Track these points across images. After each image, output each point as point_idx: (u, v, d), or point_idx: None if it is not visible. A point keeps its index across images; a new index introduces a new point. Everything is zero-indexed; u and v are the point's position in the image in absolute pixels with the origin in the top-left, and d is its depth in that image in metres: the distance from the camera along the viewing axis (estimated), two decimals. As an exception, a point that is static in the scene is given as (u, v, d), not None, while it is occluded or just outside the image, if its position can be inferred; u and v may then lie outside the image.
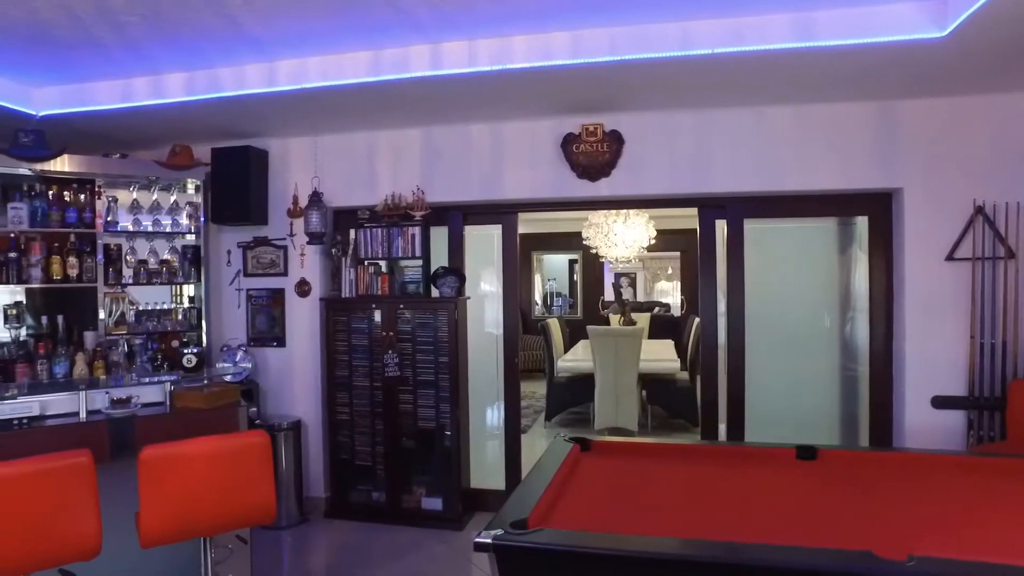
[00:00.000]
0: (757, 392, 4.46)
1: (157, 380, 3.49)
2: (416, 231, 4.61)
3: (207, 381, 3.60)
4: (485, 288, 5.02)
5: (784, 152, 4.17)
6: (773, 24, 3.18)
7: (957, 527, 2.06)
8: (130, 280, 4.48)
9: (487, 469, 4.90)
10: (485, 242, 4.94)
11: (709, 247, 4.57)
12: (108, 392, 3.24)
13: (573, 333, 9.23)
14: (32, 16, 3.05)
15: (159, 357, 4.47)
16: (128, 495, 2.53)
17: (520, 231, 4.91)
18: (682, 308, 11.07)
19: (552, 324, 8.05)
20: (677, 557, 1.84)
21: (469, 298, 4.84)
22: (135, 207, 4.55)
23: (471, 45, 3.49)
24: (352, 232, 4.76)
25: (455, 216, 4.84)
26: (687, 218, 5.09)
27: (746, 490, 2.49)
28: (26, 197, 4.13)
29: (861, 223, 4.40)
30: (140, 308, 4.56)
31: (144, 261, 4.55)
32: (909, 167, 4.02)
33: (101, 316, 4.33)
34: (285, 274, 4.94)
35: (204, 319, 4.72)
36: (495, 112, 4.36)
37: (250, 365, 4.85)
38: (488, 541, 1.88)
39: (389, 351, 4.61)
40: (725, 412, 4.52)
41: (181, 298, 4.84)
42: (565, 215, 7.78)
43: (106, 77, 3.96)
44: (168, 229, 4.65)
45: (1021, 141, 3.86)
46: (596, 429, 6.64)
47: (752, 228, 4.47)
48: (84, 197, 4.32)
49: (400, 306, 4.63)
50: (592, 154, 4.36)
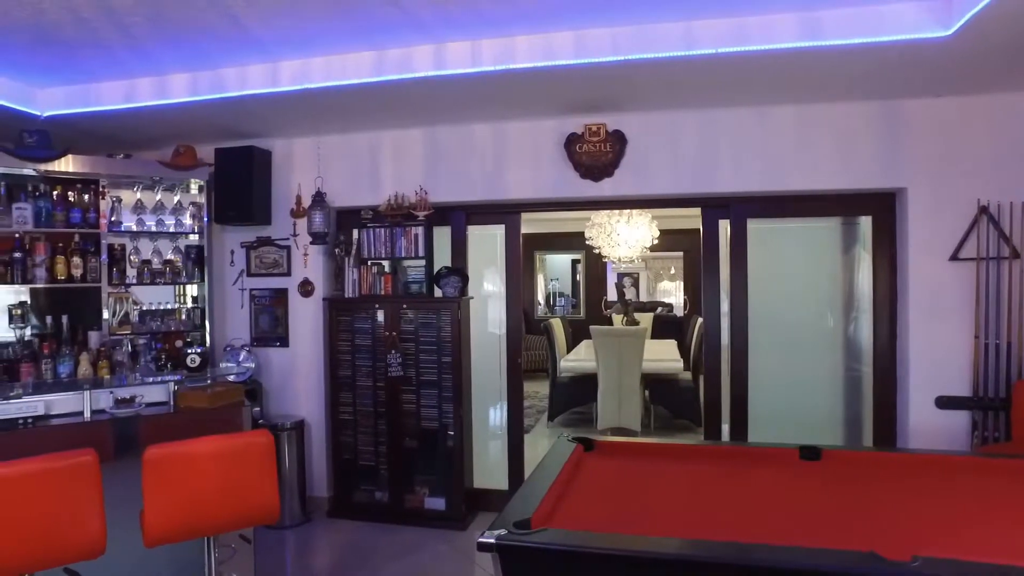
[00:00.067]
0: (760, 392, 4.45)
1: (161, 380, 3.50)
2: (419, 231, 4.62)
3: (211, 381, 3.61)
4: (488, 288, 5.02)
5: (788, 152, 4.16)
6: (777, 24, 3.18)
7: (961, 528, 2.05)
8: (134, 280, 4.49)
9: (490, 469, 4.90)
10: (488, 242, 4.94)
11: (712, 247, 4.56)
12: (112, 392, 3.26)
13: (576, 333, 9.23)
14: (37, 17, 3.06)
15: (163, 357, 4.48)
16: (132, 495, 2.53)
17: (523, 231, 4.90)
18: (685, 308, 11.06)
19: (555, 324, 8.04)
20: (681, 557, 1.84)
21: (472, 298, 4.84)
22: (139, 207, 4.56)
23: (474, 45, 3.49)
24: (355, 232, 4.77)
25: (458, 216, 4.84)
26: (690, 218, 5.07)
27: (750, 491, 2.48)
28: (30, 197, 4.14)
29: (865, 223, 4.38)
30: (144, 308, 4.57)
31: (148, 261, 4.56)
32: (913, 167, 4.01)
33: (105, 316, 4.34)
34: (288, 274, 4.95)
35: (208, 319, 4.73)
36: (498, 112, 4.36)
37: (253, 365, 4.87)
38: (492, 541, 1.88)
39: (392, 351, 4.62)
40: (728, 412, 4.52)
41: (185, 298, 4.85)
42: (568, 215, 7.76)
43: (110, 78, 3.98)
44: (172, 229, 4.66)
45: (1026, 141, 3.85)
46: (599, 429, 6.63)
47: (755, 228, 4.46)
48: (88, 197, 4.34)
49: (403, 306, 4.63)
50: (595, 154, 4.36)
